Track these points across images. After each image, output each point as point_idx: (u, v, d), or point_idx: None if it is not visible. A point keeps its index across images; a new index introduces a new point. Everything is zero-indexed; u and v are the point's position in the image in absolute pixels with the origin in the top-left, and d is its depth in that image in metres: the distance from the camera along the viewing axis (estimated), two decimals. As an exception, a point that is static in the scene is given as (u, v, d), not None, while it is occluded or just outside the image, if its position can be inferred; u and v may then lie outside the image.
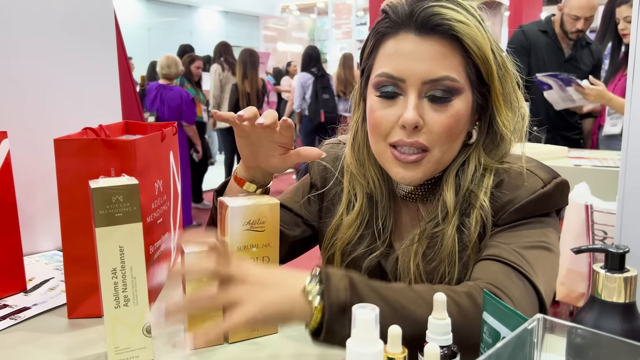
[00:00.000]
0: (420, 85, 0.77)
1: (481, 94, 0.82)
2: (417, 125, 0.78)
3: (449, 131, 0.78)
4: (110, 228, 0.68)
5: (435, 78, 0.77)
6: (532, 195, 0.79)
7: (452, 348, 0.59)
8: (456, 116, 0.78)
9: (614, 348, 0.48)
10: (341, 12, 13.11)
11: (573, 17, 2.72)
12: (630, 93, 1.20)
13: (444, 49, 0.77)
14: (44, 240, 1.24)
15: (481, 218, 0.81)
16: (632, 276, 0.53)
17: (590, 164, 2.27)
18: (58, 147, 0.82)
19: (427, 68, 0.77)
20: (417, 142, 0.78)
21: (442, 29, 0.76)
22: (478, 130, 0.85)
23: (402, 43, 0.78)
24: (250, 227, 0.76)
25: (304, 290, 0.64)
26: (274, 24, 14.74)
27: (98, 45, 1.36)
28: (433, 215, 0.84)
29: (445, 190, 0.83)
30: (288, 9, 14.44)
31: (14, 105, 1.20)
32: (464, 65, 0.78)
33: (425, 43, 0.77)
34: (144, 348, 0.73)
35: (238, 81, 4.97)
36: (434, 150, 0.79)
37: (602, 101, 2.47)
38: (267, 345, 0.79)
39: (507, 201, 0.81)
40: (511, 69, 0.83)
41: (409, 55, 0.77)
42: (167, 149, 1.03)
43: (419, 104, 0.78)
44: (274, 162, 0.86)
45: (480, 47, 0.77)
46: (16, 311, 0.91)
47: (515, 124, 0.83)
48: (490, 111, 0.83)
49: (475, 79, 0.80)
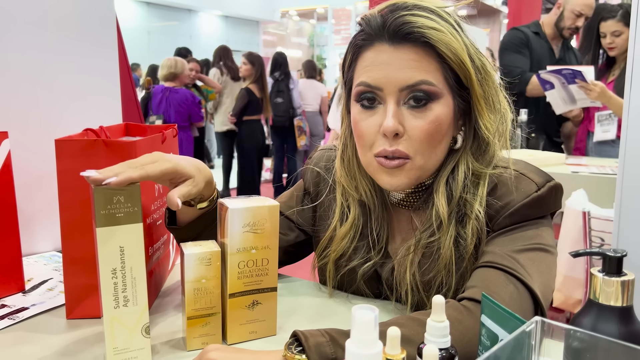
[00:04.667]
0: (398, 93, 0.78)
1: (462, 98, 0.82)
2: (397, 133, 0.79)
3: (429, 137, 0.79)
4: (111, 228, 0.68)
5: (411, 84, 0.78)
6: (527, 199, 0.80)
7: (451, 350, 0.59)
8: (436, 121, 0.79)
9: (611, 351, 0.48)
10: (340, 18, 13.15)
11: (577, 13, 2.76)
12: (628, 101, 1.21)
13: (418, 56, 0.78)
14: (43, 241, 1.24)
15: (477, 229, 0.81)
16: (629, 280, 0.53)
17: (588, 171, 2.28)
18: (59, 147, 0.82)
19: (403, 75, 0.78)
20: (398, 150, 0.79)
21: (414, 37, 0.77)
22: (463, 135, 0.85)
23: (378, 54, 0.79)
24: (250, 228, 0.76)
25: (285, 356, 0.66)
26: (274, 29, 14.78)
27: (99, 47, 1.36)
28: (428, 224, 0.85)
29: (437, 199, 0.83)
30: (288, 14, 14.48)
31: (15, 105, 1.20)
32: (440, 70, 0.79)
33: (399, 52, 0.78)
34: (143, 349, 0.73)
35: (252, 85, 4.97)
36: (416, 157, 0.80)
37: (603, 99, 2.48)
38: (265, 347, 0.79)
39: (500, 206, 0.81)
40: (491, 71, 0.83)
41: (384, 64, 0.79)
42: (168, 150, 1.04)
43: (398, 112, 0.79)
44: None
45: (455, 52, 0.77)
46: (14, 311, 0.91)
47: (498, 125, 0.83)
48: (473, 114, 0.83)
49: (454, 84, 0.80)
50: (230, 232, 0.75)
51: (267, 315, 0.81)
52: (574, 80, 2.49)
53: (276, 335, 0.82)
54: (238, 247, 0.76)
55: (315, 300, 0.96)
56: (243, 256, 0.77)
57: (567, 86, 2.56)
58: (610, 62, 2.71)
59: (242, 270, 0.77)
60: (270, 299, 0.81)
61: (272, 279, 0.80)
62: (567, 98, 2.63)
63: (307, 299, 0.97)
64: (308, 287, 1.02)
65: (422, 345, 0.61)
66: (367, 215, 0.92)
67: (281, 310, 0.89)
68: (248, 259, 0.77)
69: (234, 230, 0.76)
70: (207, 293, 0.76)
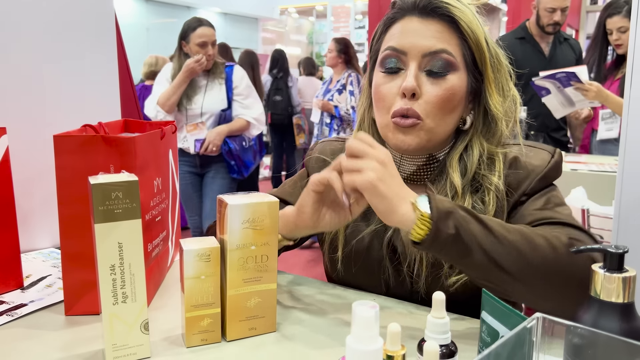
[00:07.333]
0: (421, 58, 0.87)
1: (475, 78, 0.90)
2: (414, 93, 0.86)
3: (442, 103, 0.87)
4: (110, 224, 0.68)
5: (434, 50, 0.86)
6: (550, 164, 0.90)
7: (451, 347, 0.59)
8: (451, 90, 0.87)
9: (612, 347, 0.48)
10: (340, 15, 13.13)
11: (549, 9, 2.77)
12: (628, 98, 1.21)
13: (443, 28, 0.87)
14: (41, 237, 1.24)
15: (497, 199, 0.88)
16: (631, 276, 0.53)
17: (587, 169, 2.28)
18: (58, 143, 0.82)
19: (428, 42, 0.87)
20: (412, 109, 0.86)
21: (442, 11, 0.87)
22: (473, 117, 0.92)
23: (407, 24, 0.89)
24: (250, 225, 0.76)
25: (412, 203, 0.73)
26: (273, 26, 14.75)
27: (98, 43, 1.35)
28: (443, 194, 0.89)
29: (451, 172, 0.90)
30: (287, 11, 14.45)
31: (13, 101, 1.19)
32: (460, 47, 0.88)
33: (427, 23, 0.88)
34: (142, 345, 0.72)
35: None
36: (426, 120, 0.87)
37: (600, 99, 2.46)
38: (264, 343, 0.79)
39: (527, 173, 0.89)
40: (504, 61, 0.92)
41: (412, 32, 0.88)
42: (167, 147, 1.03)
43: (419, 75, 0.87)
44: (328, 220, 0.83)
45: (475, 32, 0.87)
46: (13, 308, 0.90)
47: (506, 108, 0.92)
48: (483, 95, 0.90)
49: (470, 62, 0.89)
50: (229, 229, 0.75)
51: (266, 312, 0.81)
52: (569, 82, 2.48)
53: (276, 331, 0.82)
54: (237, 243, 0.76)
55: (315, 297, 0.96)
56: (242, 252, 0.77)
57: (563, 89, 2.54)
58: (619, 60, 2.69)
59: (241, 267, 0.77)
60: (269, 296, 0.80)
61: (272, 275, 0.80)
62: (565, 101, 2.61)
63: (306, 295, 0.96)
64: (308, 283, 1.02)
65: (422, 342, 0.61)
66: None
67: (281, 307, 0.89)
68: (247, 256, 0.77)
69: (233, 227, 0.75)
70: (207, 289, 0.76)
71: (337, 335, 0.81)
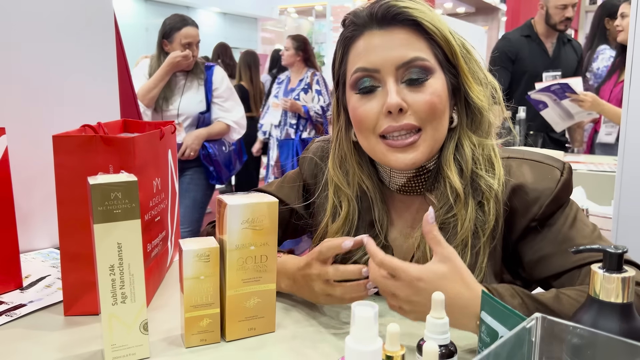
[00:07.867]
0: (395, 71, 0.83)
1: (452, 74, 0.86)
2: (401, 108, 0.82)
3: (433, 107, 0.82)
4: (109, 225, 0.68)
5: (407, 60, 0.82)
6: (559, 185, 0.83)
7: (450, 347, 0.59)
8: (435, 93, 0.83)
9: (611, 348, 0.48)
10: (339, 15, 13.13)
11: (560, 6, 2.76)
12: (628, 98, 1.21)
13: (408, 35, 0.83)
14: (40, 237, 1.24)
15: (495, 209, 0.83)
16: (630, 276, 0.53)
17: (586, 169, 2.28)
18: (57, 143, 0.82)
19: (397, 54, 0.82)
20: (408, 123, 0.82)
21: (402, 17, 0.83)
22: (457, 113, 0.89)
23: (370, 40, 0.84)
24: (249, 225, 0.76)
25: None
26: (272, 26, 14.75)
27: (97, 43, 1.35)
28: (444, 201, 0.86)
29: (449, 173, 0.85)
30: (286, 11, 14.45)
31: (12, 101, 1.19)
32: (429, 48, 0.84)
33: (390, 34, 0.83)
34: (141, 345, 0.72)
35: (245, 83, 4.94)
36: (427, 128, 0.83)
37: (596, 109, 2.47)
38: (263, 344, 0.79)
39: (536, 196, 0.83)
40: (471, 49, 0.88)
41: (377, 47, 0.83)
42: (166, 147, 1.03)
43: (399, 90, 0.83)
44: None
45: (440, 29, 0.83)
46: (12, 308, 0.90)
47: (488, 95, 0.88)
48: (463, 89, 0.87)
49: (443, 59, 0.85)
50: (229, 229, 0.75)
51: (265, 312, 0.81)
52: (565, 94, 2.47)
53: (275, 331, 0.82)
54: (237, 243, 0.76)
55: (314, 297, 0.95)
56: (242, 253, 0.77)
57: (560, 102, 2.52)
58: (621, 58, 2.69)
59: (240, 267, 0.77)
60: (269, 296, 0.80)
61: (271, 275, 0.80)
62: (563, 114, 2.60)
63: (305, 295, 0.96)
64: (307, 284, 1.02)
65: (421, 342, 0.61)
66: (365, 207, 0.92)
67: (280, 307, 0.89)
68: (247, 256, 0.77)
69: (232, 227, 0.75)
70: (206, 290, 0.76)
71: (336, 336, 0.81)
